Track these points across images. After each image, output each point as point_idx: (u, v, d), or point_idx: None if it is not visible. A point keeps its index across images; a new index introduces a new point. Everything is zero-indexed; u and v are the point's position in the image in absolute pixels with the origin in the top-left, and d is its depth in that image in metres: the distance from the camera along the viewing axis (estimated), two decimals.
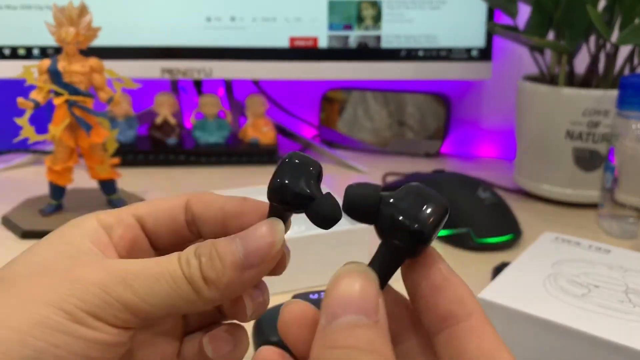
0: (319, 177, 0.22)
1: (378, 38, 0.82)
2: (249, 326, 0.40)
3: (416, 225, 0.18)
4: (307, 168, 0.22)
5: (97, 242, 0.22)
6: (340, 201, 0.21)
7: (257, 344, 0.36)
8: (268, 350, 0.21)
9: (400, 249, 0.19)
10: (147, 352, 0.24)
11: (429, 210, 0.18)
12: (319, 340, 0.17)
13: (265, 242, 0.21)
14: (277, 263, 0.23)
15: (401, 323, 0.21)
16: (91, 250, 0.22)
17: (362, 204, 0.19)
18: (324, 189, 0.22)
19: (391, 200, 0.19)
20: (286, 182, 0.21)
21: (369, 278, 0.18)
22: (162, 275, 0.21)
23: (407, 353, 0.20)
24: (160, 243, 0.25)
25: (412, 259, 0.19)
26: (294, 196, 0.21)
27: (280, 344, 0.34)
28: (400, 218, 0.18)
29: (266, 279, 0.24)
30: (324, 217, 0.21)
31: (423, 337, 0.20)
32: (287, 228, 0.23)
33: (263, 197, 0.23)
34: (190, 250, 0.22)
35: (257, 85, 0.90)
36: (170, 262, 0.21)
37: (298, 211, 0.22)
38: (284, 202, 0.22)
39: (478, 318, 0.19)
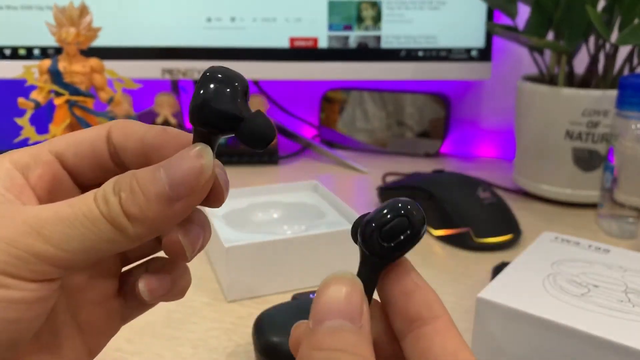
0: (245, 93, 0.20)
1: (378, 38, 0.82)
2: (248, 326, 0.40)
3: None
4: (231, 83, 0.19)
5: (10, 187, 0.20)
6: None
7: (257, 344, 0.36)
8: (303, 325, 0.21)
9: (376, 262, 0.20)
10: (84, 296, 0.23)
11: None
12: (306, 342, 0.18)
13: (191, 169, 0.19)
14: (211, 192, 0.21)
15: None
16: (3, 197, 0.20)
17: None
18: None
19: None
20: (209, 100, 0.19)
21: (355, 285, 0.19)
22: (77, 217, 0.19)
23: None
24: (84, 179, 0.23)
25: (388, 269, 0.20)
26: (219, 116, 0.19)
27: (281, 345, 0.35)
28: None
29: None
30: (256, 137, 0.20)
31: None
32: (213, 153, 0.20)
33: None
34: (107, 185, 0.20)
35: (257, 85, 0.90)
36: (84, 202, 0.19)
37: (225, 133, 0.20)
38: (209, 123, 0.19)
39: (444, 321, 0.19)
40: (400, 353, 0.20)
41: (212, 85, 0.19)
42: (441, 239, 0.56)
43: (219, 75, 0.19)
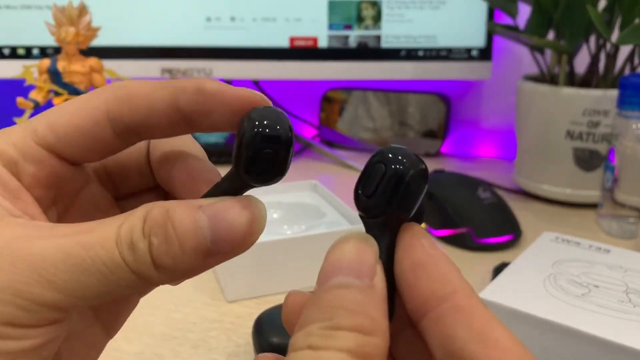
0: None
1: (378, 38, 0.82)
2: (248, 326, 0.40)
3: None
4: (288, 144, 0.18)
5: (3, 192, 0.18)
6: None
7: (257, 344, 0.36)
8: (296, 294, 0.19)
9: (375, 224, 0.17)
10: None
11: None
12: (308, 300, 0.16)
13: (240, 226, 0.17)
14: None
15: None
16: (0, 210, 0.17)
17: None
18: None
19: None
20: (279, 129, 0.17)
21: (368, 243, 0.17)
22: (94, 264, 0.16)
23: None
24: (85, 160, 0.20)
25: (397, 239, 0.18)
26: (279, 172, 0.18)
27: (281, 345, 0.34)
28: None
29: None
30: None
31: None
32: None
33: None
34: (135, 223, 0.16)
35: (257, 85, 0.90)
36: (103, 246, 0.16)
37: (267, 182, 0.18)
38: (264, 178, 0.17)
39: (464, 295, 0.16)
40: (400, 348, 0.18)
41: (276, 119, 0.17)
42: (441, 239, 0.56)
43: (274, 112, 0.17)
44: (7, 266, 0.16)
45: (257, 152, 0.17)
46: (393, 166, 0.17)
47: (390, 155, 0.17)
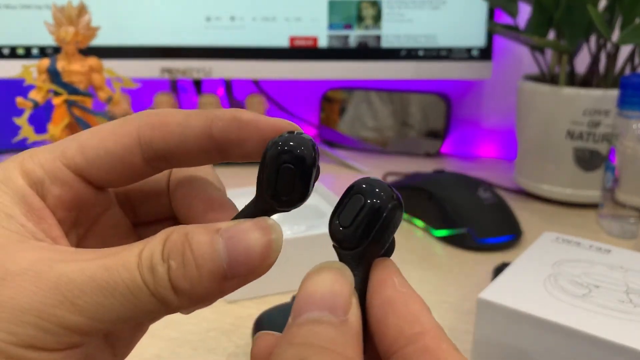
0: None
1: (378, 38, 0.82)
2: (248, 327, 0.40)
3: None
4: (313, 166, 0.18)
5: (27, 212, 0.18)
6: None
7: None
8: (267, 335, 0.18)
9: (351, 256, 0.17)
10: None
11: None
12: (280, 338, 0.16)
13: (256, 249, 0.17)
14: None
15: None
16: (23, 230, 0.17)
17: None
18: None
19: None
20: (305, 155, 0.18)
21: (343, 274, 0.16)
22: (116, 287, 0.16)
23: None
24: (111, 185, 0.20)
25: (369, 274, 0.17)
26: (301, 198, 0.18)
27: None
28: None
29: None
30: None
31: None
32: None
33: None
34: (155, 248, 0.17)
35: (257, 85, 0.90)
36: (126, 267, 0.16)
37: (289, 207, 0.18)
38: (291, 203, 0.18)
39: (432, 336, 0.16)
40: None
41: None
42: (442, 239, 0.55)
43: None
44: (31, 287, 0.16)
45: (277, 169, 0.17)
46: (372, 199, 0.17)
47: (369, 188, 0.17)
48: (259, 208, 0.18)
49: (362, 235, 0.17)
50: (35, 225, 0.18)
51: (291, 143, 0.18)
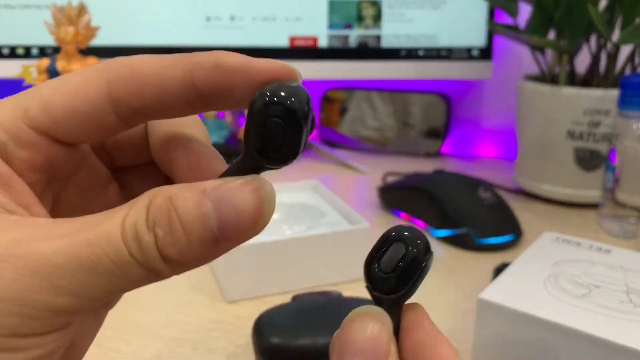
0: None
1: (378, 37, 0.82)
2: (248, 327, 0.40)
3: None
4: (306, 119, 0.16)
5: None
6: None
7: (257, 345, 0.36)
8: None
9: (388, 301, 0.18)
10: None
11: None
12: None
13: (249, 214, 0.16)
14: None
15: None
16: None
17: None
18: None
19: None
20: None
21: (384, 323, 0.16)
22: (101, 263, 0.15)
23: None
24: (82, 142, 0.18)
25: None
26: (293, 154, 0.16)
27: (280, 346, 0.34)
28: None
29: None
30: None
31: None
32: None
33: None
34: (139, 213, 0.15)
35: None
36: (109, 242, 0.15)
37: (279, 164, 0.17)
38: (281, 159, 0.16)
39: None
40: None
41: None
42: (442, 239, 0.55)
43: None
44: (10, 274, 0.14)
45: (264, 122, 0.16)
46: (414, 249, 0.18)
47: (411, 237, 0.18)
48: (247, 165, 0.17)
49: (401, 283, 0.18)
50: (4, 194, 0.16)
51: (281, 93, 0.16)
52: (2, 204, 0.16)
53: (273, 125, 0.16)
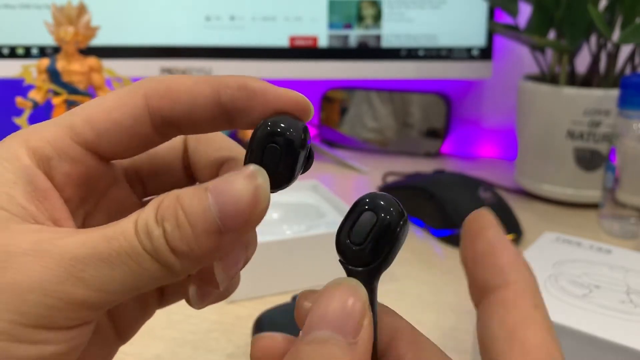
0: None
1: (378, 37, 0.81)
2: (248, 327, 0.40)
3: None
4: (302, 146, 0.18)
5: (31, 192, 0.17)
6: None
7: None
8: (265, 339, 0.18)
9: (360, 272, 0.17)
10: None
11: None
12: (289, 354, 0.16)
13: (246, 201, 0.16)
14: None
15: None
16: (24, 212, 0.17)
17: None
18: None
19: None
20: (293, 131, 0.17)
21: (357, 293, 0.16)
22: (118, 256, 0.16)
23: None
24: (121, 156, 0.20)
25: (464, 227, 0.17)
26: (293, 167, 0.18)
27: None
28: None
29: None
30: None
31: None
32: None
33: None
34: (149, 213, 0.16)
35: None
36: (124, 236, 0.16)
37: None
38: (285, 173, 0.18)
39: (514, 288, 0.15)
40: None
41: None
42: (442, 239, 0.55)
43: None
44: (34, 267, 0.15)
45: (263, 148, 0.17)
46: (386, 216, 0.17)
47: (381, 204, 0.17)
48: None
49: (375, 254, 0.17)
50: (38, 206, 0.17)
51: (282, 125, 0.18)
52: (33, 215, 0.17)
53: (270, 152, 0.18)
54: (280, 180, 0.18)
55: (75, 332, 0.16)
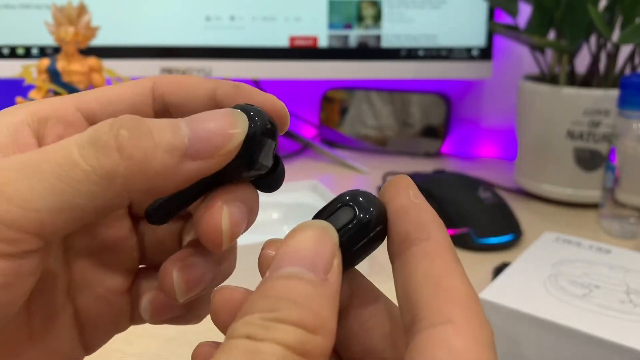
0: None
1: (378, 37, 0.82)
2: None
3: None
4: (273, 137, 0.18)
5: (9, 144, 0.17)
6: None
7: None
8: (229, 289, 0.18)
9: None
10: (88, 286, 0.20)
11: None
12: (255, 291, 0.15)
13: (220, 129, 0.16)
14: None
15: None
16: None
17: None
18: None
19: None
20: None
21: (327, 233, 0.16)
22: (48, 166, 0.15)
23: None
24: None
25: (387, 188, 0.18)
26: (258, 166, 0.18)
27: None
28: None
29: None
30: (272, 186, 0.20)
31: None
32: None
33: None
34: (102, 123, 0.15)
35: (257, 85, 0.90)
36: (61, 146, 0.15)
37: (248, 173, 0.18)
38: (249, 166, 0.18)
39: (436, 242, 0.16)
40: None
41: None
42: None
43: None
44: None
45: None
46: (364, 215, 0.17)
47: (362, 202, 0.17)
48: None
49: (349, 247, 0.17)
50: (6, 155, 0.17)
51: (251, 112, 0.18)
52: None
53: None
54: (243, 163, 0.18)
55: (8, 263, 0.15)
